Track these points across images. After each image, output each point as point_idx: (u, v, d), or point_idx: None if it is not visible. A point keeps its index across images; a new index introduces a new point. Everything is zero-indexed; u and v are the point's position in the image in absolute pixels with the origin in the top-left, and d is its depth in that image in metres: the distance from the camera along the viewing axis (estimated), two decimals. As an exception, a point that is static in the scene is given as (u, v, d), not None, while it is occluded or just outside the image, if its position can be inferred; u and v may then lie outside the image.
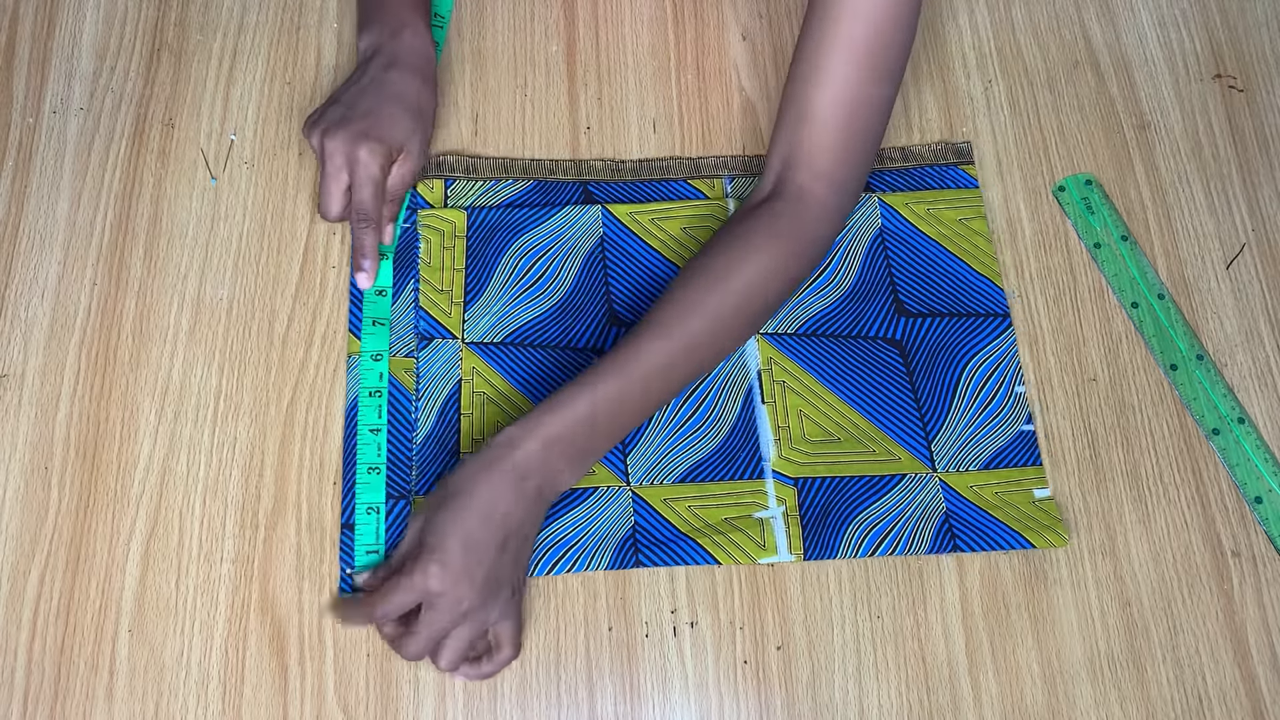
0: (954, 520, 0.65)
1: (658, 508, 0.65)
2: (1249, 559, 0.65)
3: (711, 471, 0.66)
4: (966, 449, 0.67)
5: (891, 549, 0.64)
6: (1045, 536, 0.64)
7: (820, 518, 0.65)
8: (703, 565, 0.64)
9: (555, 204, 0.73)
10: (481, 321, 0.69)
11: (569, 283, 0.71)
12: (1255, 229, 0.74)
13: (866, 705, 0.61)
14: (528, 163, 0.75)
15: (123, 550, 0.63)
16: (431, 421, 0.66)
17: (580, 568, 0.63)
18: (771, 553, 0.64)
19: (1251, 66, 0.80)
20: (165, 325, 0.69)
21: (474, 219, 0.72)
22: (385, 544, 0.63)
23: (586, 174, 0.74)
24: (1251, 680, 0.62)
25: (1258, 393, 0.69)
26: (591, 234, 0.72)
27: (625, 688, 0.62)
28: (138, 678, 0.61)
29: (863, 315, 0.70)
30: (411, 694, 0.61)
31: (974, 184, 0.75)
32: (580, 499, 0.65)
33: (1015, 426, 0.68)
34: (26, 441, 0.65)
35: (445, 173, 0.73)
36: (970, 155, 0.76)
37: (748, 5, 0.81)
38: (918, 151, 0.76)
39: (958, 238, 0.73)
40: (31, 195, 0.72)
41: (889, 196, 0.74)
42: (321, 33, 0.78)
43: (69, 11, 0.78)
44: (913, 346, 0.70)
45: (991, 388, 0.69)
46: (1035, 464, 0.67)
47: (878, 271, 0.72)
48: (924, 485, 0.66)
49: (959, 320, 0.71)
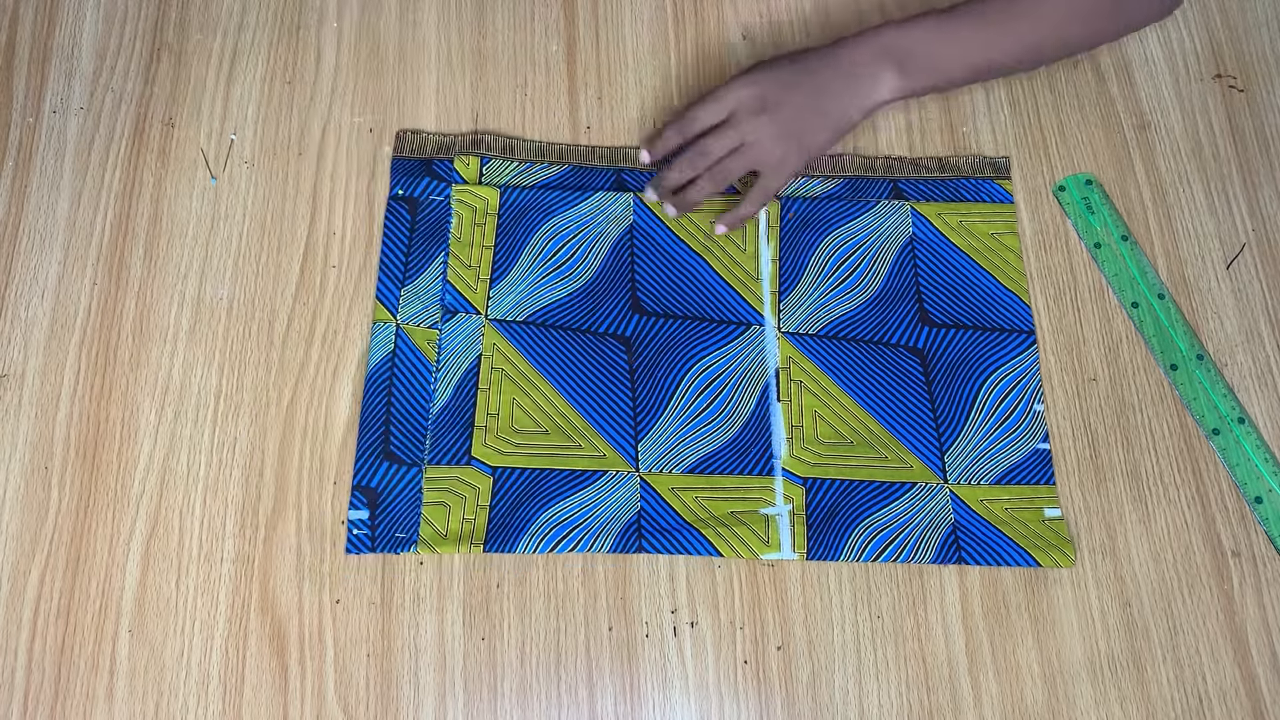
0: (961, 533, 0.65)
1: (665, 496, 0.65)
2: (1249, 559, 0.65)
3: (722, 464, 0.66)
4: (980, 463, 0.67)
5: (895, 556, 0.64)
6: (1052, 555, 0.64)
7: (826, 519, 0.65)
8: (704, 556, 0.64)
9: (588, 189, 0.74)
10: (506, 299, 0.70)
11: (595, 267, 0.71)
12: (1255, 229, 0.74)
13: (866, 705, 0.61)
14: (564, 147, 0.75)
15: (123, 550, 0.63)
16: (449, 393, 0.67)
17: (583, 548, 0.63)
18: (775, 549, 0.64)
19: (1251, 66, 0.80)
20: (165, 325, 0.69)
21: (507, 198, 0.73)
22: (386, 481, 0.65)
23: (620, 161, 0.75)
24: (1251, 680, 0.62)
25: (1258, 393, 0.69)
26: (621, 221, 0.73)
27: (625, 688, 0.62)
28: (138, 678, 0.61)
29: (886, 321, 0.70)
30: (411, 694, 0.61)
31: (1009, 199, 0.74)
32: (589, 481, 0.65)
33: (1031, 444, 0.67)
34: (26, 441, 0.65)
35: (482, 150, 0.74)
36: (1008, 170, 0.75)
37: (748, 5, 0.81)
38: (955, 163, 0.75)
39: (989, 252, 0.73)
40: (31, 195, 0.72)
41: (922, 206, 0.74)
42: (321, 33, 0.78)
43: (69, 11, 0.78)
44: (934, 356, 0.70)
45: (1010, 403, 0.68)
46: (1049, 483, 0.66)
47: (905, 279, 0.72)
48: (934, 495, 0.66)
49: (983, 334, 0.70)
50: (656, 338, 0.69)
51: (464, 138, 0.75)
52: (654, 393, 0.68)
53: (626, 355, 0.69)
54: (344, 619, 0.62)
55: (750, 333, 0.70)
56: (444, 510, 0.64)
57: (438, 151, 0.74)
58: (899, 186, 0.74)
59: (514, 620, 0.63)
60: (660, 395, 0.68)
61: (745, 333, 0.70)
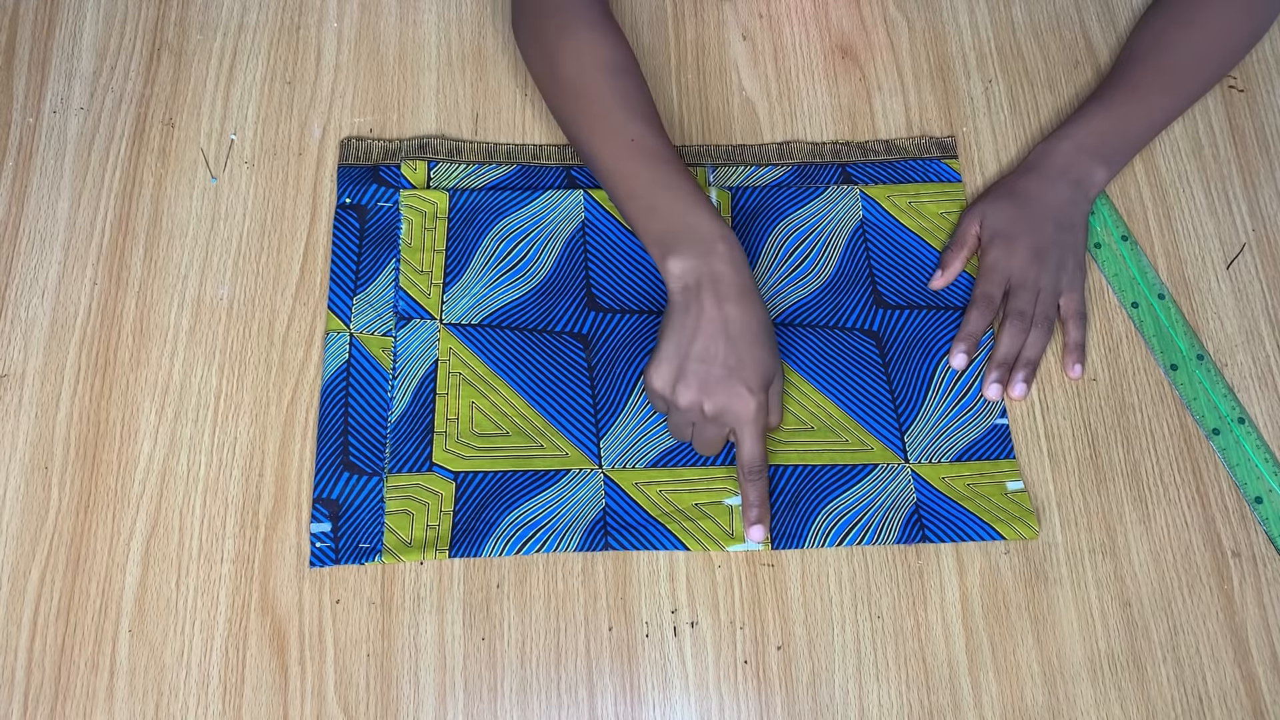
0: (924, 511, 0.65)
1: (629, 491, 0.65)
2: (1249, 559, 0.65)
3: (684, 457, 0.66)
4: (939, 441, 0.67)
5: (860, 539, 0.64)
6: (1015, 528, 0.64)
7: (790, 506, 0.65)
8: (670, 551, 0.64)
9: (538, 188, 0.73)
10: (460, 303, 0.70)
11: (549, 266, 0.71)
12: (1255, 229, 0.74)
13: (866, 705, 0.61)
14: (511, 147, 0.75)
15: (123, 550, 0.63)
16: (407, 400, 0.67)
17: (549, 548, 0.63)
18: (739, 540, 0.64)
19: (1251, 66, 0.80)
20: (165, 325, 0.69)
21: (456, 201, 0.72)
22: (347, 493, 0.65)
23: (570, 159, 0.75)
24: (1251, 680, 0.62)
25: (1258, 393, 0.69)
26: (573, 218, 0.73)
27: (625, 688, 0.62)
28: (138, 678, 0.61)
29: (841, 306, 0.71)
30: (411, 694, 0.61)
31: (956, 178, 0.75)
32: (552, 481, 0.65)
33: (989, 420, 0.68)
34: (26, 441, 0.65)
35: (429, 155, 0.74)
36: (954, 149, 0.76)
37: (748, 5, 0.81)
38: (901, 145, 0.76)
39: (938, 231, 0.73)
40: (31, 195, 0.72)
41: (871, 189, 0.74)
42: (321, 33, 0.78)
43: (69, 11, 0.78)
44: (889, 338, 0.70)
45: (967, 380, 0.69)
46: (1008, 457, 0.67)
47: (858, 263, 0.72)
48: (895, 476, 0.66)
49: (936, 313, 0.71)
50: (613, 334, 0.69)
51: (410, 143, 0.74)
52: (613, 389, 0.68)
53: (584, 353, 0.69)
54: (344, 619, 0.62)
55: None
56: (407, 518, 0.64)
57: (384, 157, 0.74)
58: (847, 171, 0.75)
59: (514, 620, 0.63)
60: (620, 391, 0.68)
61: None
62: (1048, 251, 0.70)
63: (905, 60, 0.79)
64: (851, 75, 0.79)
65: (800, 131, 0.76)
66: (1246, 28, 0.76)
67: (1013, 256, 0.70)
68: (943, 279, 0.71)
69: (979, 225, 0.71)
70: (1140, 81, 0.74)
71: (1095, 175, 0.72)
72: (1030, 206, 0.71)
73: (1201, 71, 0.75)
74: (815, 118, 0.77)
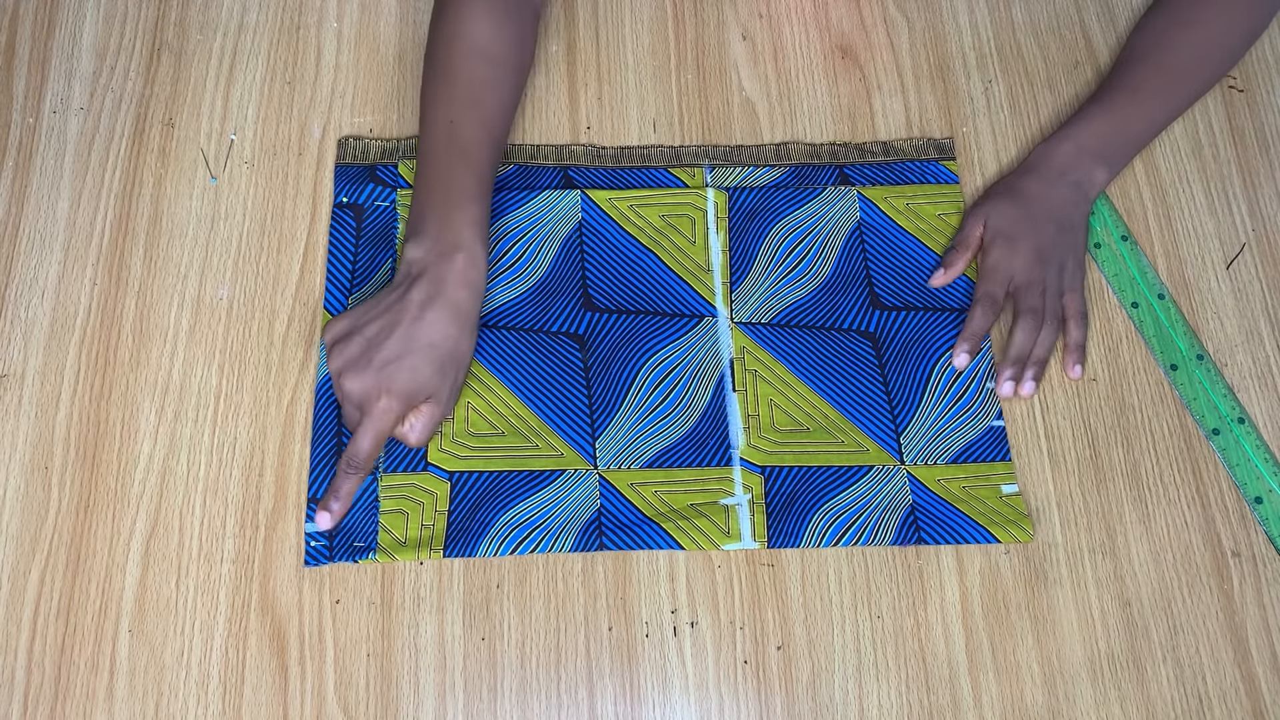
0: (920, 513, 0.65)
1: (624, 492, 0.65)
2: (1249, 559, 0.65)
3: (679, 457, 0.66)
4: (936, 443, 0.67)
5: (855, 539, 0.64)
6: (1010, 531, 0.64)
7: (786, 506, 0.65)
8: (670, 551, 0.64)
9: (535, 188, 0.73)
10: None
11: (545, 266, 0.71)
12: (1255, 229, 0.74)
13: (866, 705, 0.61)
14: (509, 146, 0.75)
15: (123, 550, 0.63)
16: None
17: (544, 549, 0.63)
18: (735, 539, 0.64)
19: (1251, 66, 0.80)
20: (165, 325, 0.69)
21: None
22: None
23: (567, 159, 0.75)
24: (1251, 680, 0.62)
25: (1258, 393, 0.69)
26: (570, 219, 0.73)
27: (625, 688, 0.62)
28: (138, 678, 0.61)
29: (838, 307, 0.71)
30: (411, 694, 0.61)
31: (954, 179, 0.75)
32: (547, 481, 0.65)
33: (985, 422, 0.68)
34: (26, 441, 0.65)
35: None
36: (951, 151, 0.76)
37: (748, 5, 0.81)
38: (899, 146, 0.76)
39: (935, 232, 0.73)
40: (31, 195, 0.72)
41: (868, 190, 0.74)
42: (321, 33, 0.78)
43: (69, 11, 0.78)
44: (886, 340, 0.70)
45: (963, 383, 0.69)
46: (1004, 459, 0.67)
47: (854, 264, 0.72)
48: (891, 477, 0.66)
49: (933, 315, 0.71)
50: (610, 334, 0.69)
51: (408, 142, 0.74)
52: (609, 389, 0.68)
53: (580, 353, 0.69)
54: (344, 619, 0.62)
55: (704, 325, 0.70)
56: (402, 517, 0.64)
57: (381, 157, 0.74)
58: (845, 172, 0.75)
59: (514, 620, 0.63)
60: (616, 391, 0.68)
61: (698, 325, 0.70)
62: (1049, 252, 0.70)
63: (905, 60, 0.79)
64: (851, 75, 0.79)
65: (800, 131, 0.76)
66: (1246, 27, 0.76)
67: (1015, 257, 0.70)
68: (944, 277, 0.71)
69: (983, 226, 0.71)
70: (1141, 82, 0.74)
71: (1096, 176, 0.72)
72: (1032, 208, 0.71)
73: (1202, 72, 0.75)
74: (815, 118, 0.77)
